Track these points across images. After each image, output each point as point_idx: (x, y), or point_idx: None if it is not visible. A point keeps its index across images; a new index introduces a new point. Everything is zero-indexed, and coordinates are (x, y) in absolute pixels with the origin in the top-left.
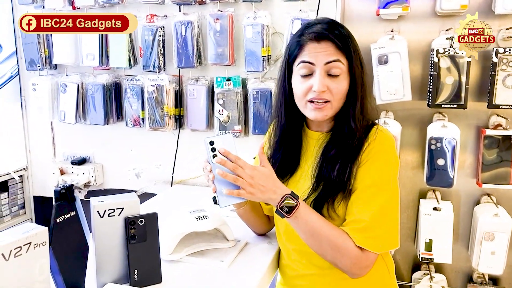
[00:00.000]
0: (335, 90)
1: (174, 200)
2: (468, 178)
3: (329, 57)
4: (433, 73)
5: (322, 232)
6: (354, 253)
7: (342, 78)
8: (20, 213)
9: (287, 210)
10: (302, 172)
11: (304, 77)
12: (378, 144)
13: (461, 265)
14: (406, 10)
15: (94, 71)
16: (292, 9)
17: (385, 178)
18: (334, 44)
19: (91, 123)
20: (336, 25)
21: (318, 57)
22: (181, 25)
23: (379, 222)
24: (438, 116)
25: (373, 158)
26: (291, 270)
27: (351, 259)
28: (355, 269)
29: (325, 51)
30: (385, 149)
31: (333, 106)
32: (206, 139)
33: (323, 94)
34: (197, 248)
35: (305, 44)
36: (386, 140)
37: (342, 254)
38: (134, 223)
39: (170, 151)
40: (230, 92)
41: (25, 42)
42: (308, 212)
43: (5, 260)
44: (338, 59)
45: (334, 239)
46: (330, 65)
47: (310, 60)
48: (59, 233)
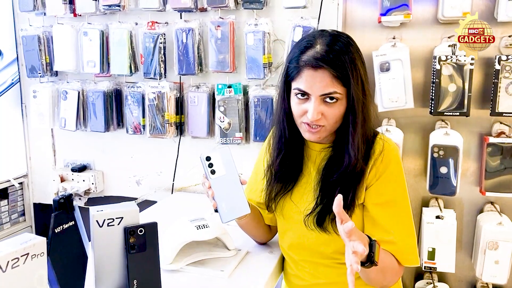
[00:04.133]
0: (330, 116)
1: (174, 207)
2: (471, 186)
3: (324, 89)
4: (435, 81)
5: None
6: (400, 271)
7: (339, 103)
8: (20, 220)
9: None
10: (306, 183)
11: (300, 99)
12: (387, 158)
13: (464, 274)
14: (408, 17)
15: (95, 78)
16: (294, 16)
17: (402, 191)
18: (332, 73)
19: (92, 130)
20: (336, 45)
21: (314, 87)
22: (182, 32)
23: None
24: (440, 124)
25: (386, 172)
26: (298, 279)
27: (398, 276)
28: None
29: (321, 81)
30: (395, 161)
31: (327, 130)
32: (202, 155)
33: (317, 121)
34: (197, 257)
35: (302, 70)
36: (393, 152)
37: (398, 273)
38: (134, 233)
39: (171, 158)
40: (231, 99)
41: (26, 49)
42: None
43: (2, 271)
44: (334, 91)
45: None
46: (326, 96)
47: (305, 90)
48: (58, 243)
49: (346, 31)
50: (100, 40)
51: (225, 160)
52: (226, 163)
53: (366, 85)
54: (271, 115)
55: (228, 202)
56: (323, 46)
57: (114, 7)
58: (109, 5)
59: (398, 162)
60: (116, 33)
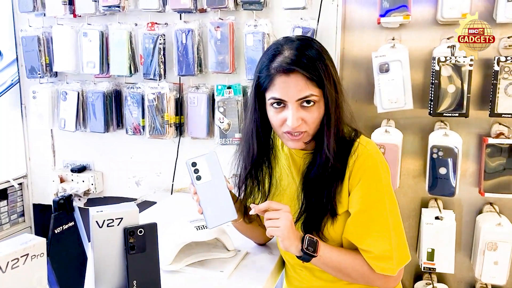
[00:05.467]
0: (310, 120)
1: (174, 208)
2: (470, 187)
3: (300, 94)
4: (434, 82)
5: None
6: (381, 280)
7: (317, 106)
8: (20, 221)
9: (312, 250)
10: (292, 190)
11: (277, 108)
12: (363, 163)
13: (463, 275)
14: (407, 19)
15: (94, 78)
16: (293, 17)
17: (379, 197)
18: (304, 76)
19: (91, 130)
20: (304, 48)
21: (289, 93)
22: (182, 33)
23: (390, 245)
24: (439, 125)
25: (363, 178)
26: (297, 281)
27: (381, 281)
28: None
29: (295, 86)
30: (371, 166)
31: (309, 134)
32: (187, 160)
33: (298, 127)
34: (197, 258)
35: (275, 77)
36: (370, 156)
37: (373, 280)
38: (134, 234)
39: (170, 159)
40: (230, 100)
41: (26, 49)
42: (329, 246)
43: (2, 272)
44: (310, 93)
45: (360, 269)
46: (302, 100)
47: (281, 97)
48: (57, 244)
49: (345, 32)
50: (100, 41)
51: (211, 165)
52: (212, 169)
53: (338, 85)
54: None
55: (214, 208)
56: (291, 51)
57: (113, 8)
58: (108, 6)
59: (376, 166)
60: (116, 34)
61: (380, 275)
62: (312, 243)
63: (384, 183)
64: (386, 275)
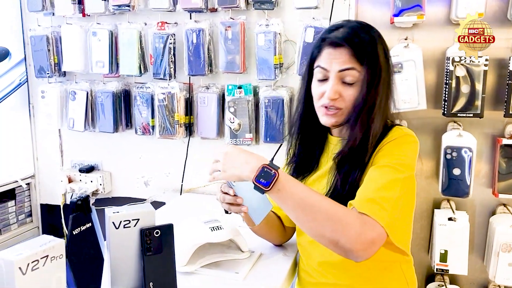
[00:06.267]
0: (348, 98)
1: (183, 209)
2: (484, 187)
3: (342, 65)
4: (448, 82)
5: (314, 202)
6: (357, 222)
7: (357, 85)
8: (27, 221)
9: (264, 182)
10: (319, 176)
11: (320, 81)
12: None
13: (476, 276)
14: (421, 18)
15: (103, 78)
16: (305, 17)
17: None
18: (350, 52)
19: (100, 130)
20: (360, 30)
21: (333, 63)
22: (193, 32)
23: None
24: (452, 125)
25: (388, 145)
26: (308, 276)
27: (354, 229)
28: (359, 243)
29: (339, 58)
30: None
31: (344, 113)
32: None
33: (335, 102)
34: (211, 259)
35: (323, 49)
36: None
37: (344, 225)
38: (150, 234)
39: (180, 159)
40: (241, 100)
41: (35, 49)
42: (293, 182)
43: (22, 274)
44: (351, 67)
45: (331, 208)
46: (344, 73)
47: (325, 66)
48: (75, 245)
49: None
50: (109, 41)
51: None
52: None
53: (384, 72)
54: (282, 116)
55: (254, 204)
56: (346, 29)
57: (123, 7)
58: (118, 5)
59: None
60: (126, 33)
61: (360, 218)
62: (267, 174)
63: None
64: (367, 220)
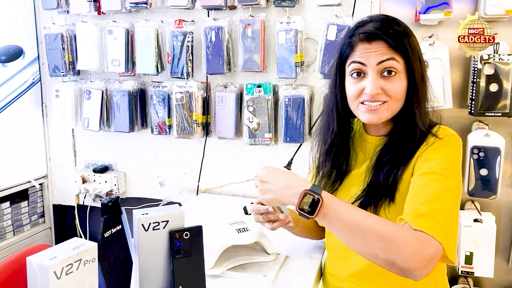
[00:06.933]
0: (392, 91)
1: (200, 209)
2: (509, 188)
3: (381, 57)
4: (476, 80)
5: (362, 222)
6: (412, 239)
7: (399, 77)
8: (40, 222)
9: (308, 209)
10: (354, 178)
11: (356, 78)
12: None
13: (500, 278)
14: (448, 15)
15: (119, 77)
16: (327, 14)
17: (444, 166)
18: (387, 43)
19: (116, 130)
20: (390, 22)
21: (370, 57)
22: (211, 30)
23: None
24: (478, 125)
25: (431, 148)
26: (336, 280)
27: (410, 247)
28: (416, 261)
29: (377, 51)
30: (446, 141)
31: (390, 107)
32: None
33: (377, 96)
34: (237, 261)
35: (356, 44)
36: (449, 134)
37: (398, 244)
38: (180, 237)
39: (196, 159)
40: (260, 99)
41: (49, 47)
42: (337, 204)
43: (57, 278)
44: (391, 57)
45: (381, 227)
46: (383, 64)
47: (361, 60)
48: (107, 248)
49: None
50: (125, 39)
51: None
52: None
53: (423, 64)
54: (302, 115)
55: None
56: (376, 22)
57: (140, 5)
58: (135, 3)
59: (451, 145)
60: (143, 31)
61: (414, 235)
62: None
63: (455, 160)
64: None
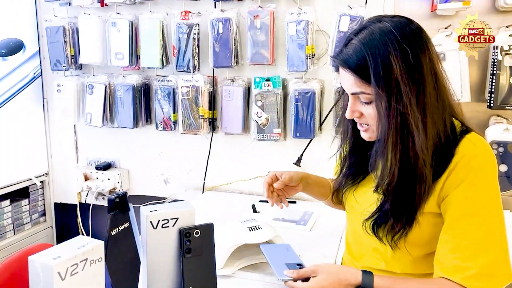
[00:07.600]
0: (368, 116)
1: (206, 207)
2: None
3: (351, 89)
4: (496, 72)
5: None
6: None
7: (375, 104)
8: (41, 220)
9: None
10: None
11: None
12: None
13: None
14: (467, 5)
15: (123, 71)
16: (338, 4)
17: (487, 201)
18: (353, 76)
19: (119, 126)
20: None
21: (344, 85)
22: (218, 22)
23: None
24: (495, 119)
25: (466, 180)
26: None
27: None
28: None
29: (348, 81)
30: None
31: (374, 130)
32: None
33: (359, 119)
34: (249, 261)
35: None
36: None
37: None
38: (190, 235)
39: (201, 155)
40: (269, 93)
41: (50, 41)
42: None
43: (61, 279)
44: (360, 91)
45: None
46: (355, 96)
47: (342, 85)
48: (114, 246)
49: None
50: (129, 31)
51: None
52: None
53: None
54: (313, 110)
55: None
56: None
57: None
58: None
59: (483, 167)
60: (147, 23)
61: None
62: None
63: (492, 187)
64: None
